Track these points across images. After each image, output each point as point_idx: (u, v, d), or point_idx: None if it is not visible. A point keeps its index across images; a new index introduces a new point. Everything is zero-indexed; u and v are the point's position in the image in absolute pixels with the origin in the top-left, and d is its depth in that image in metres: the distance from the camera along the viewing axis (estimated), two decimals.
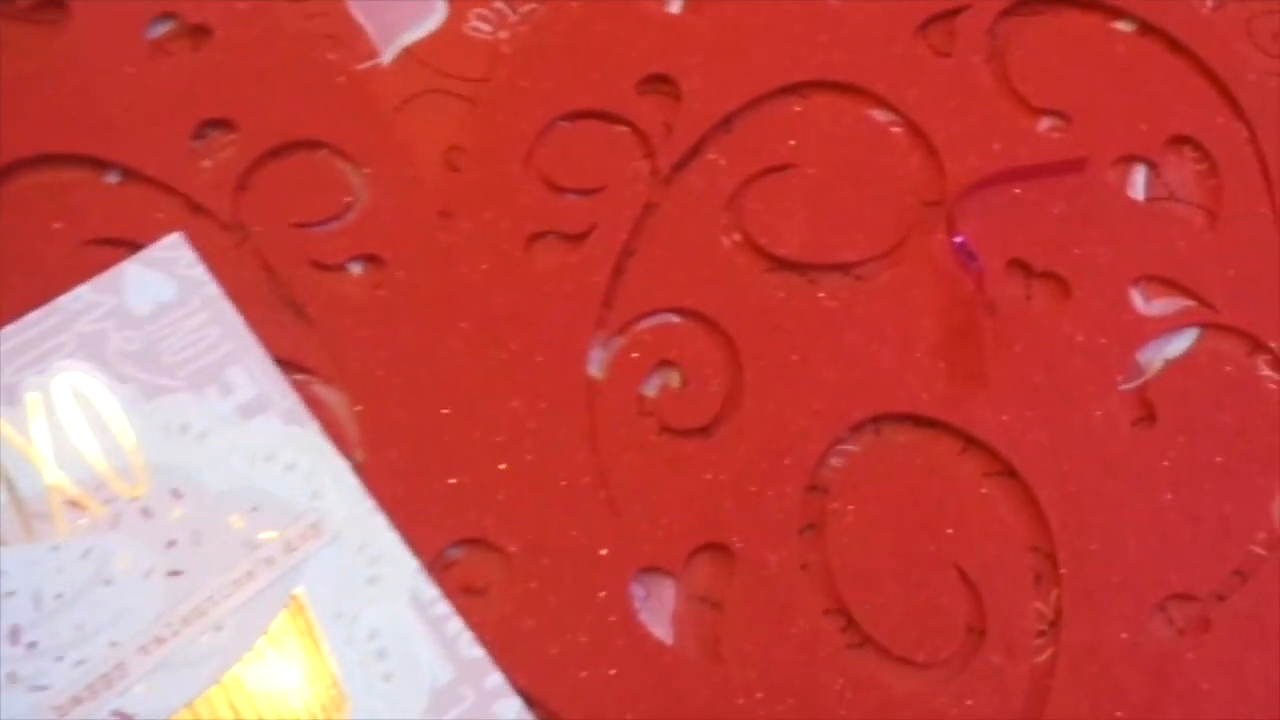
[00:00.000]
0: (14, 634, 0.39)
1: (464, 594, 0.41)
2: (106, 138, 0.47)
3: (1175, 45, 0.51)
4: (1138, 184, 0.49)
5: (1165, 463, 0.44)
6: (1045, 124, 0.50)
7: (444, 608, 0.41)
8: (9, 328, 0.43)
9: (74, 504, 0.41)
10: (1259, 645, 0.42)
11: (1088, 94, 0.50)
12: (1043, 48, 0.51)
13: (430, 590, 0.41)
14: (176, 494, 0.41)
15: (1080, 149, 0.49)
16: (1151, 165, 0.49)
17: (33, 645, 0.39)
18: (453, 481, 0.43)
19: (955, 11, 0.51)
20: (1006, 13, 0.51)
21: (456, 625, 0.41)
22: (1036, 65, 0.50)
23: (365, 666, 0.40)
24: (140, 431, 0.42)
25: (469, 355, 0.44)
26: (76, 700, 0.38)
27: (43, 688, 0.38)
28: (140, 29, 0.49)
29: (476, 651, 0.40)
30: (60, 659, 0.39)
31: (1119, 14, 0.52)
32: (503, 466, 0.43)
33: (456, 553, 0.42)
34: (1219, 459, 0.44)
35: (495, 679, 0.40)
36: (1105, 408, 0.45)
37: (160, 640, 0.39)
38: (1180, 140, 0.50)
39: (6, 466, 0.41)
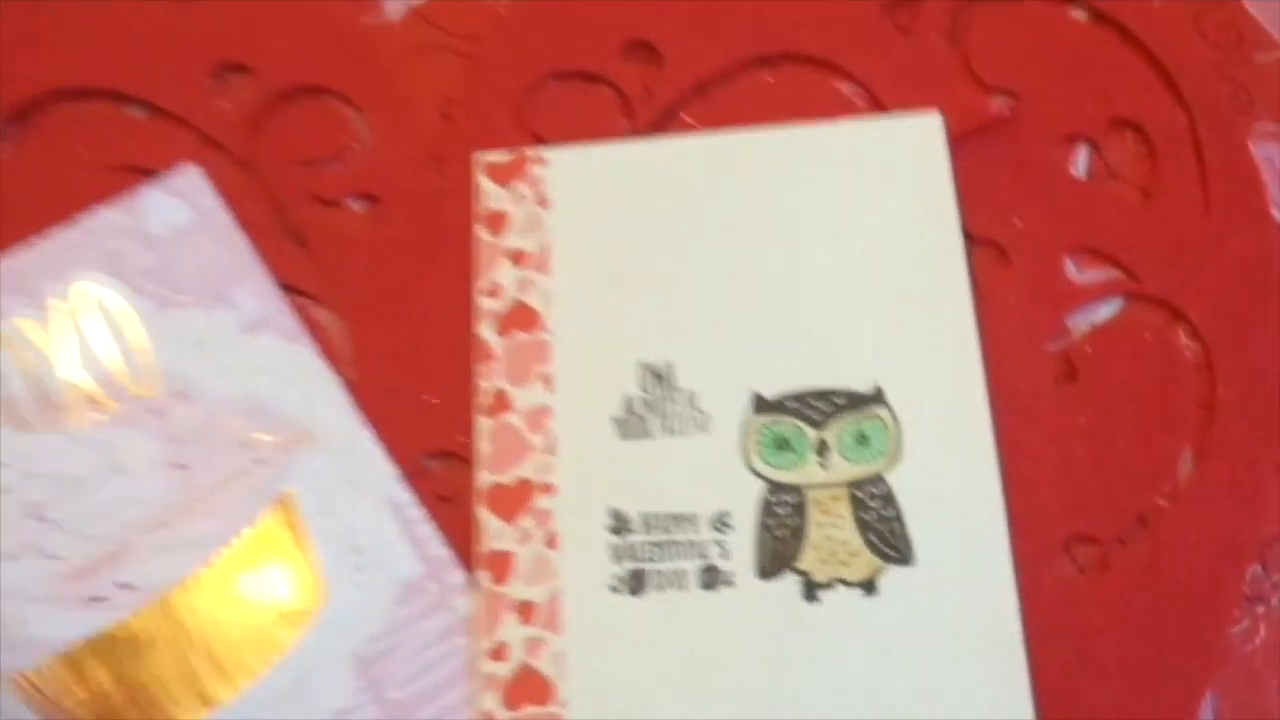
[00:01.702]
0: (35, 510, 0.44)
1: (436, 500, 0.46)
2: (132, 74, 0.52)
3: (1126, 34, 0.55)
4: (1080, 162, 0.53)
5: (1081, 419, 0.48)
6: (997, 101, 0.53)
7: (417, 512, 0.46)
8: (39, 240, 0.48)
9: (91, 400, 0.46)
10: (1152, 586, 0.46)
11: (1039, 75, 0.54)
12: (1000, 30, 0.54)
13: (405, 495, 0.46)
14: (183, 396, 0.46)
15: (1023, 123, 0.52)
16: (1094, 145, 0.53)
17: (51, 521, 0.44)
18: (432, 400, 0.47)
19: None
20: None
21: (427, 528, 0.45)
22: (993, 46, 0.54)
23: (342, 559, 0.45)
24: (153, 339, 0.47)
25: (452, 289, 0.49)
26: (86, 570, 0.43)
27: (57, 558, 0.43)
28: None
29: (442, 551, 0.45)
30: (73, 534, 0.44)
31: (1075, 2, 0.55)
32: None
33: (431, 464, 0.47)
34: (1132, 418, 0.49)
35: (457, 576, 0.45)
36: (1031, 365, 0.49)
37: (163, 524, 0.44)
38: (1123, 123, 0.53)
39: (31, 363, 0.46)
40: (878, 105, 0.53)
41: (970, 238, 0.50)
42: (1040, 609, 0.44)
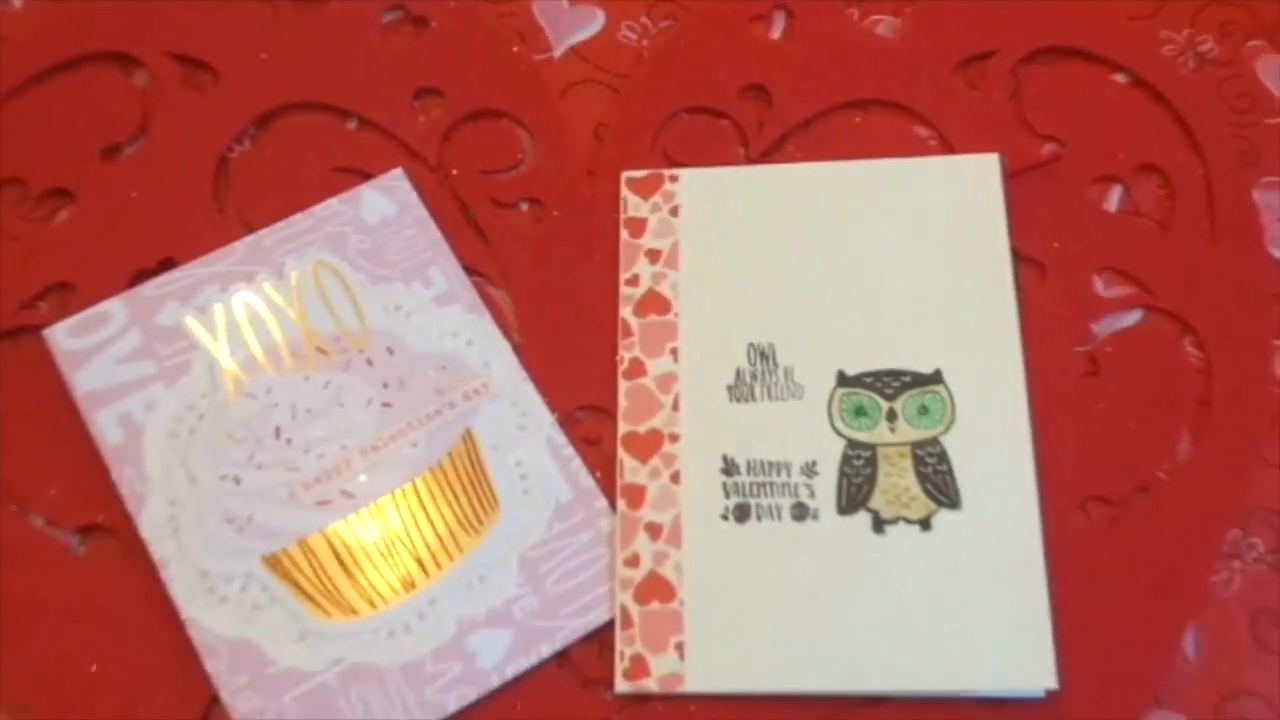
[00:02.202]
0: (277, 432, 0.56)
1: (584, 443, 0.59)
2: (350, 94, 0.65)
3: (1159, 96, 0.66)
4: (1113, 198, 0.64)
5: (1100, 405, 0.60)
6: (1047, 147, 0.65)
7: (570, 451, 0.58)
8: (278, 224, 0.61)
9: (321, 350, 0.58)
10: (1150, 541, 0.57)
11: (1083, 127, 0.65)
12: (1053, 88, 0.66)
13: (561, 438, 0.58)
14: (390, 351, 0.59)
15: (1066, 164, 0.64)
16: (1125, 185, 0.65)
17: (289, 441, 0.56)
18: (583, 364, 0.60)
19: (987, 55, 0.66)
20: (1026, 59, 0.66)
21: (577, 463, 0.58)
22: (1046, 101, 0.66)
23: (512, 484, 0.57)
24: (367, 305, 0.59)
25: (600, 276, 0.61)
26: (317, 480, 0.56)
27: (294, 469, 0.56)
28: (377, 15, 0.67)
29: (589, 482, 0.57)
30: (307, 452, 0.56)
31: (1118, 68, 0.67)
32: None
33: (581, 414, 0.59)
34: (1142, 407, 0.60)
35: (601, 502, 0.57)
36: (1062, 361, 0.61)
37: (375, 448, 0.56)
38: (1150, 168, 0.65)
39: (278, 320, 0.58)
40: (948, 146, 0.64)
41: (1018, 255, 0.61)
42: (1060, 551, 0.56)
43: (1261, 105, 0.67)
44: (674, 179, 0.63)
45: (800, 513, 0.56)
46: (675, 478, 0.57)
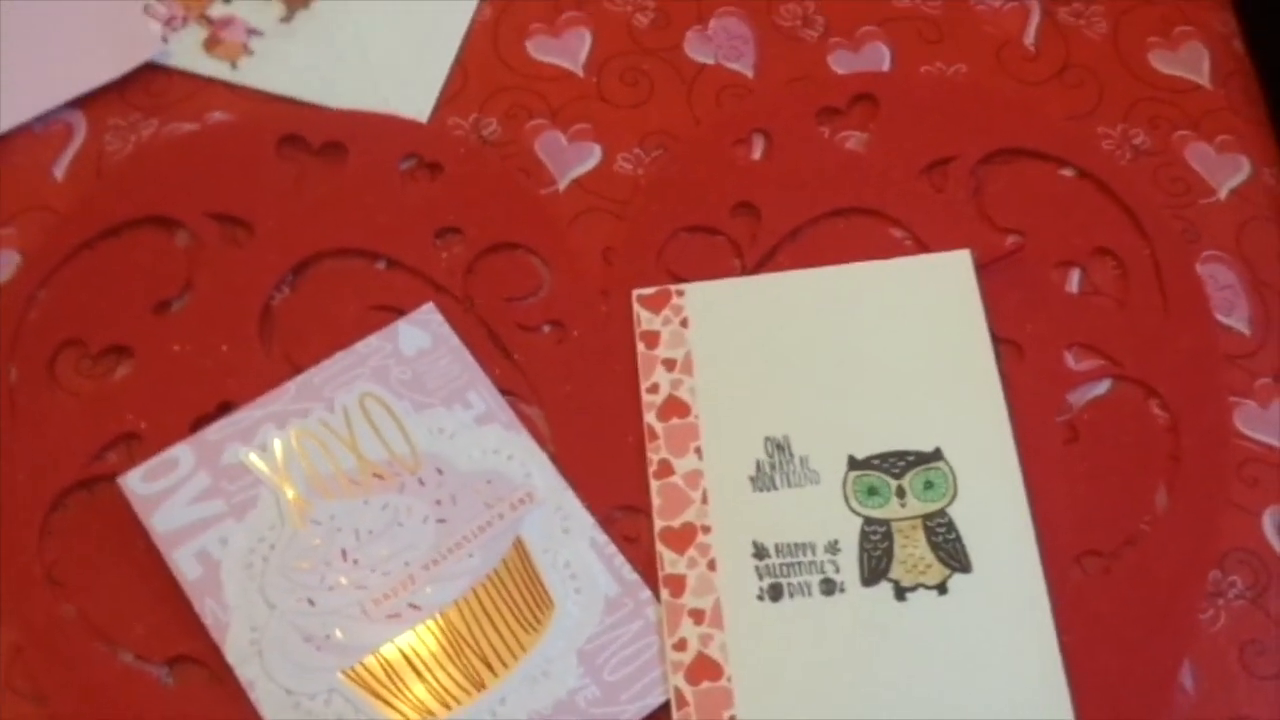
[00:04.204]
0: (344, 554, 0.61)
1: (624, 540, 0.64)
2: (377, 237, 0.71)
3: (1103, 186, 0.73)
4: (1073, 281, 0.71)
5: (1083, 468, 0.66)
6: (1010, 239, 0.72)
7: (612, 549, 0.63)
8: (324, 362, 0.66)
9: (377, 475, 0.63)
10: (1141, 587, 0.63)
11: (1040, 218, 0.72)
12: (1009, 185, 0.73)
13: (603, 537, 0.63)
14: (440, 470, 0.64)
15: (1029, 253, 0.71)
16: (1083, 268, 0.72)
17: (356, 562, 0.61)
18: (616, 469, 0.65)
19: (948, 160, 0.74)
20: (983, 161, 0.74)
21: (620, 559, 0.63)
22: (1004, 197, 0.73)
23: (564, 583, 0.62)
24: (414, 430, 0.65)
25: (622, 386, 0.67)
26: (385, 596, 0.60)
27: (364, 588, 0.61)
28: (395, 163, 0.73)
29: (633, 576, 0.63)
30: (373, 570, 0.61)
31: (1064, 164, 0.74)
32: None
33: (619, 514, 0.65)
34: (1120, 466, 0.66)
35: (646, 593, 0.62)
36: (1045, 431, 0.67)
37: (435, 562, 0.61)
38: (1103, 251, 0.72)
39: (333, 451, 0.64)
40: (921, 244, 0.71)
41: (996, 338, 0.68)
42: (1063, 603, 0.62)
43: (1194, 188, 0.75)
44: (680, 293, 0.69)
45: (828, 587, 0.61)
46: (711, 565, 0.62)
